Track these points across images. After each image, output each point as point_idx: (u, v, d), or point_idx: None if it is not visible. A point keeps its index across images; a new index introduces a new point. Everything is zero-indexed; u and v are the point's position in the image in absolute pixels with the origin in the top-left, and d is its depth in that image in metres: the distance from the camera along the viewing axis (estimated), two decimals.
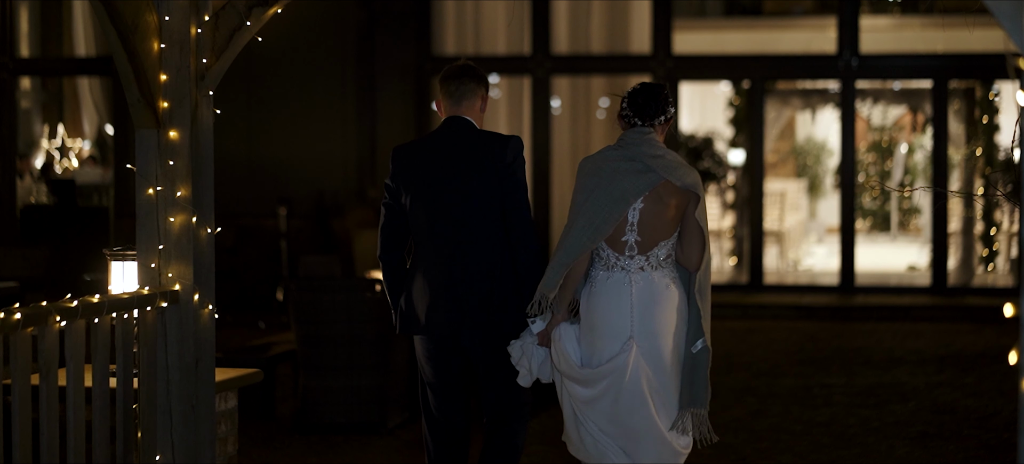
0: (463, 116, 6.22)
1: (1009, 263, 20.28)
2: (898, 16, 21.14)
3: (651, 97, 6.07)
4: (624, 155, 5.93)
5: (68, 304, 6.10)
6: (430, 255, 6.17)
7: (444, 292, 6.10)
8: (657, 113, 6.08)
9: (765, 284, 19.48)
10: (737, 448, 10.14)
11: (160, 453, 6.88)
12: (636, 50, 19.35)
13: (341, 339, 10.62)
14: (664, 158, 5.94)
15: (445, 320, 6.14)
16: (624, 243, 5.89)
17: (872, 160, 27.57)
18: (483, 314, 6.08)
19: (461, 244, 6.10)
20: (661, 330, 5.90)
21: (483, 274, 6.09)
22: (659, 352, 5.90)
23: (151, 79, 6.82)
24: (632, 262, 5.89)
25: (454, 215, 6.12)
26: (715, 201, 21.30)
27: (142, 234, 6.95)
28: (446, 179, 6.12)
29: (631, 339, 5.87)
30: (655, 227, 5.89)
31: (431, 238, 6.15)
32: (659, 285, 5.89)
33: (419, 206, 6.16)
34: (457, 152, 6.11)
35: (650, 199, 5.87)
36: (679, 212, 5.92)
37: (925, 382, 12.99)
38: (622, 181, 5.84)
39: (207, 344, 7.05)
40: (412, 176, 6.19)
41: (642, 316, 5.87)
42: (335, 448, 10.18)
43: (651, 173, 5.86)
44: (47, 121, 24.90)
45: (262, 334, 15.20)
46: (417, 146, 6.29)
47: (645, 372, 5.89)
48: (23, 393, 5.83)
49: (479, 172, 6.07)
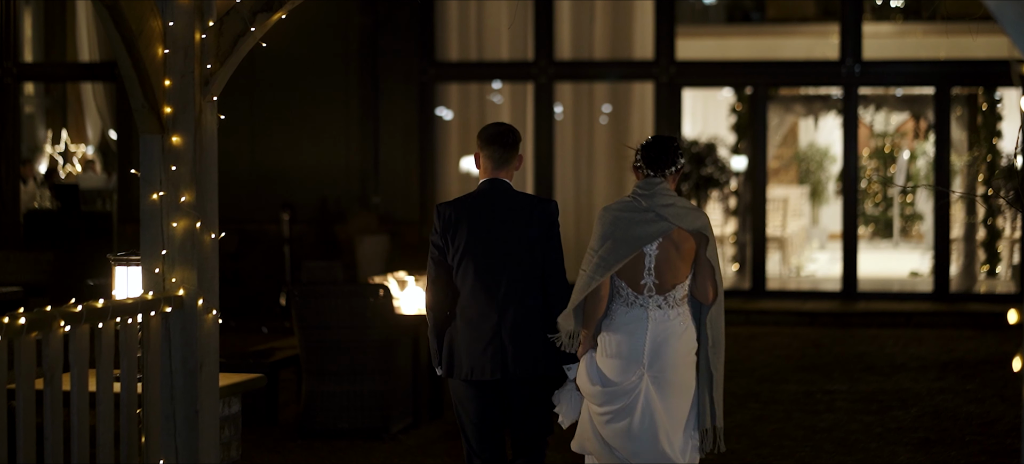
0: (503, 179, 6.77)
1: (1011, 270, 20.28)
2: (900, 23, 21.15)
3: (663, 151, 6.56)
4: (638, 205, 6.47)
5: (72, 309, 6.12)
6: (475, 306, 6.68)
7: (490, 342, 6.66)
8: (668, 164, 6.56)
9: (767, 290, 19.48)
10: (740, 454, 10.15)
11: (164, 458, 6.89)
12: (639, 56, 19.36)
13: (344, 344, 10.63)
14: (675, 206, 6.47)
15: (490, 367, 6.68)
16: (643, 285, 6.45)
17: (874, 166, 27.58)
18: (525, 362, 6.67)
19: (505, 297, 6.65)
20: (673, 364, 6.44)
21: (525, 325, 6.67)
22: (669, 383, 6.43)
23: (155, 84, 6.84)
24: (651, 301, 6.46)
25: (499, 271, 6.66)
26: (718, 207, 21.31)
27: (146, 239, 6.96)
28: (491, 238, 6.67)
29: (643, 370, 6.43)
30: (670, 270, 6.45)
31: (477, 291, 6.68)
32: (675, 323, 6.47)
33: (467, 262, 6.68)
34: (500, 213, 6.67)
35: (664, 245, 6.43)
36: (692, 254, 6.47)
37: (927, 388, 13.00)
38: (636, 229, 6.41)
39: (211, 349, 7.06)
40: (459, 233, 6.71)
41: (655, 351, 6.42)
42: (338, 453, 10.19)
43: (663, 222, 6.42)
44: (51, 126, 24.94)
45: (265, 339, 15.21)
46: (462, 205, 6.77)
47: (655, 400, 6.43)
48: (28, 398, 5.85)
49: (522, 232, 6.67)
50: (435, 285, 6.83)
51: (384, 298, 10.65)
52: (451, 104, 19.82)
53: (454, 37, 19.64)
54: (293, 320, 10.82)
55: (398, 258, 17.92)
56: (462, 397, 6.85)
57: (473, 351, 6.71)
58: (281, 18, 7.04)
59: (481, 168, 6.85)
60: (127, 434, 6.59)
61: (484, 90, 19.82)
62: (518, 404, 6.81)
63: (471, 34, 19.62)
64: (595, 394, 6.50)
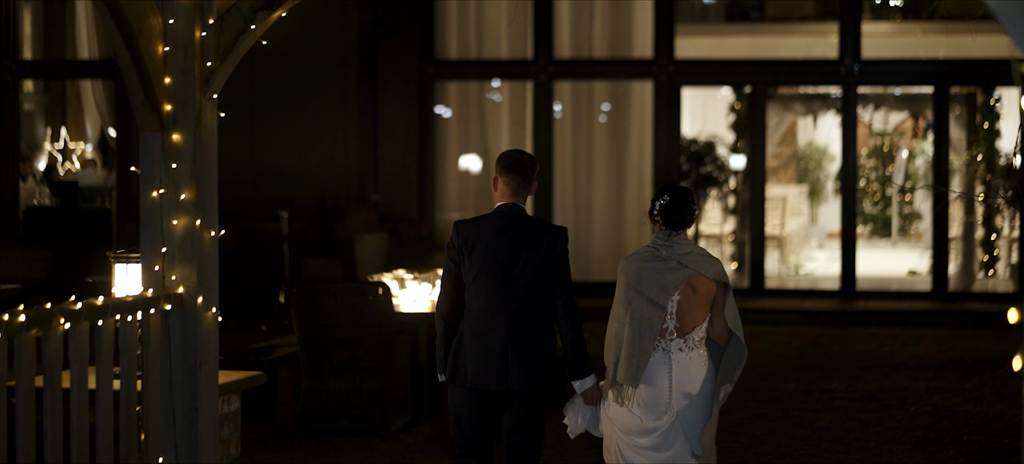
0: (518, 204, 7.15)
1: (1009, 268, 20.29)
2: (900, 22, 21.15)
3: (682, 212, 6.94)
4: (660, 254, 6.89)
5: (72, 307, 6.12)
6: (486, 320, 7.02)
7: (496, 354, 7.02)
8: (687, 223, 6.98)
9: (766, 289, 19.49)
10: (738, 452, 10.16)
11: (163, 455, 6.90)
12: (638, 55, 19.37)
13: (343, 342, 10.64)
14: (693, 254, 6.91)
15: (495, 378, 7.03)
16: (665, 330, 6.84)
17: (873, 165, 27.59)
18: (527, 376, 7.05)
19: (515, 314, 7.02)
20: (696, 402, 6.87)
21: (530, 342, 7.05)
22: (693, 418, 6.88)
23: (155, 82, 6.85)
24: (672, 344, 6.85)
25: (511, 290, 7.02)
26: (716, 206, 21.33)
27: (146, 237, 6.97)
28: (506, 259, 7.03)
29: (671, 408, 6.85)
30: (690, 314, 6.84)
31: (489, 307, 7.02)
32: (696, 363, 6.87)
33: (482, 278, 7.03)
34: (515, 236, 7.06)
35: (685, 291, 6.84)
36: (709, 298, 6.88)
37: (926, 387, 13.01)
38: (662, 277, 6.82)
39: (210, 347, 7.07)
40: (476, 250, 7.06)
41: (679, 390, 6.84)
42: (337, 451, 10.20)
43: (685, 269, 6.84)
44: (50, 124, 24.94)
45: (264, 337, 15.22)
46: (480, 224, 7.15)
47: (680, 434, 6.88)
48: (27, 395, 5.85)
49: (535, 256, 7.04)
50: (450, 295, 7.13)
51: (383, 296, 10.66)
52: (450, 102, 19.82)
53: (453, 35, 19.64)
54: (292, 318, 10.82)
55: (397, 256, 17.93)
56: (462, 404, 7.17)
57: (479, 361, 7.04)
58: (281, 16, 7.05)
59: (498, 191, 7.18)
60: (126, 432, 6.60)
61: (483, 88, 19.83)
62: (514, 415, 7.17)
63: (470, 32, 19.62)
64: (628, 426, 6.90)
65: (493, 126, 19.74)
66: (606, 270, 19.42)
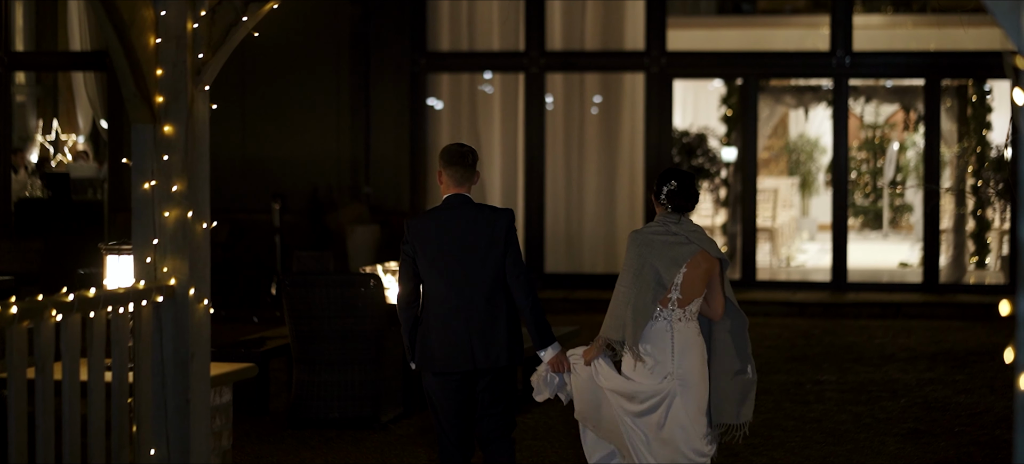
0: (463, 194, 7.50)
1: (1000, 261, 20.33)
2: (891, 14, 21.18)
3: (689, 196, 7.38)
4: (669, 230, 7.33)
5: (64, 298, 6.12)
6: (445, 305, 7.37)
7: (459, 337, 7.37)
8: (692, 206, 7.42)
9: (757, 281, 19.51)
10: (729, 444, 10.17)
11: (155, 447, 6.91)
12: (630, 47, 19.38)
13: (335, 334, 10.64)
14: (699, 232, 7.39)
15: (460, 360, 7.39)
16: (669, 299, 7.27)
17: (864, 157, 27.62)
18: (490, 354, 7.41)
19: (473, 297, 7.37)
20: (693, 368, 7.30)
21: (489, 322, 7.40)
22: (691, 383, 7.30)
23: (147, 74, 6.85)
24: (673, 314, 7.27)
25: (466, 274, 7.37)
26: (708, 198, 21.35)
27: (137, 229, 6.97)
28: (458, 246, 7.39)
29: (672, 375, 7.26)
30: (692, 287, 7.28)
31: (447, 294, 7.37)
32: (693, 333, 7.32)
33: (439, 266, 7.37)
34: (465, 223, 7.42)
35: (691, 264, 7.28)
36: (709, 275, 7.33)
37: (916, 379, 13.03)
38: (672, 250, 7.26)
39: (202, 339, 7.08)
40: (430, 242, 7.41)
41: (680, 357, 7.27)
42: (329, 442, 10.21)
43: (692, 244, 7.29)
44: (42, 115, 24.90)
45: (256, 329, 15.22)
46: (430, 217, 7.52)
47: (679, 401, 7.29)
48: (19, 387, 5.85)
49: (484, 238, 7.41)
50: (408, 286, 7.50)
51: (375, 288, 10.67)
52: (442, 94, 19.83)
53: (445, 27, 19.64)
54: (284, 310, 10.83)
55: (389, 248, 17.94)
56: (435, 388, 7.52)
57: (446, 345, 7.39)
58: (273, 8, 7.05)
59: (444, 184, 7.55)
60: (118, 423, 6.60)
61: (475, 80, 19.83)
62: (484, 392, 7.54)
63: (462, 24, 19.62)
64: (623, 389, 7.31)
65: (485, 118, 19.74)
66: (598, 262, 19.45)
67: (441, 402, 7.51)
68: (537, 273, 19.23)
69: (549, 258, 19.46)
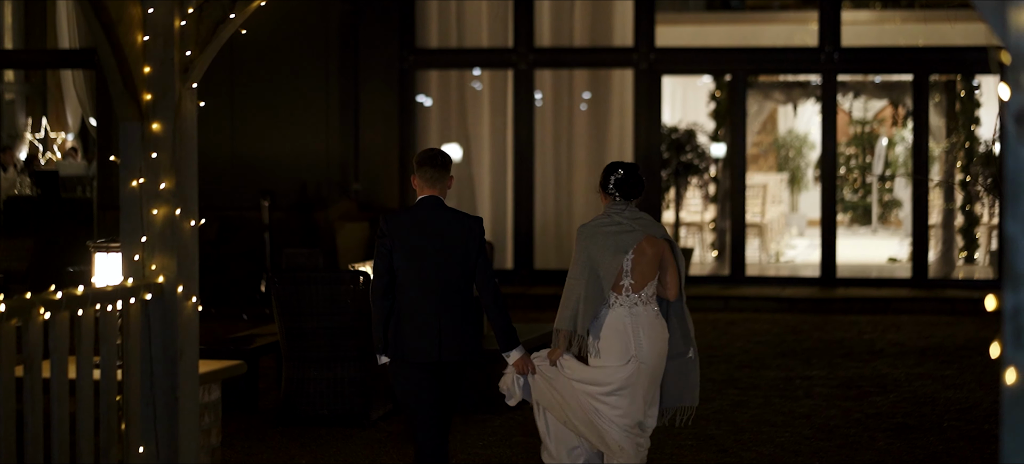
0: (437, 196, 7.82)
1: (988, 256, 20.37)
2: (879, 10, 21.20)
3: (634, 183, 7.83)
4: (613, 220, 7.74)
5: (52, 296, 6.12)
6: (416, 301, 7.64)
7: (429, 330, 7.63)
8: (638, 193, 7.84)
9: (746, 276, 19.53)
10: (719, 439, 10.20)
11: (144, 445, 6.90)
12: (619, 43, 19.39)
13: (324, 331, 10.64)
14: (642, 219, 7.81)
15: (429, 351, 7.62)
16: (622, 286, 7.68)
17: (853, 153, 27.66)
18: (455, 348, 7.68)
19: (443, 294, 7.66)
20: (653, 348, 7.70)
21: (457, 318, 7.70)
22: (651, 363, 7.70)
23: (135, 71, 6.84)
24: (628, 299, 7.68)
25: (437, 273, 7.66)
26: (697, 194, 21.36)
27: (126, 226, 6.97)
28: (431, 246, 7.69)
29: (634, 357, 7.65)
30: (643, 272, 7.69)
31: (419, 290, 7.65)
32: (649, 315, 7.71)
33: (412, 263, 7.66)
34: (437, 225, 7.75)
35: (637, 251, 7.68)
36: (659, 258, 7.75)
37: (905, 374, 13.06)
38: (617, 239, 7.68)
39: (191, 336, 7.07)
40: (402, 240, 7.71)
41: (639, 339, 7.67)
42: (318, 440, 10.21)
43: (636, 232, 7.70)
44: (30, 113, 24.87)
45: (245, 326, 15.22)
46: (406, 215, 7.86)
47: (639, 382, 7.68)
48: (7, 385, 5.85)
49: (455, 240, 7.72)
50: (383, 280, 7.73)
51: (364, 285, 10.67)
52: (431, 91, 19.82)
53: (434, 24, 19.64)
54: (273, 307, 10.83)
55: None
56: (404, 377, 7.74)
57: (416, 337, 7.64)
58: (260, 5, 7.04)
59: (417, 186, 7.87)
60: (107, 421, 6.60)
61: (464, 77, 19.83)
62: (448, 382, 7.82)
63: (451, 21, 19.62)
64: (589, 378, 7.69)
65: (474, 115, 19.74)
66: None
67: (419, 393, 7.71)
68: (526, 269, 19.24)
69: (538, 254, 19.47)
